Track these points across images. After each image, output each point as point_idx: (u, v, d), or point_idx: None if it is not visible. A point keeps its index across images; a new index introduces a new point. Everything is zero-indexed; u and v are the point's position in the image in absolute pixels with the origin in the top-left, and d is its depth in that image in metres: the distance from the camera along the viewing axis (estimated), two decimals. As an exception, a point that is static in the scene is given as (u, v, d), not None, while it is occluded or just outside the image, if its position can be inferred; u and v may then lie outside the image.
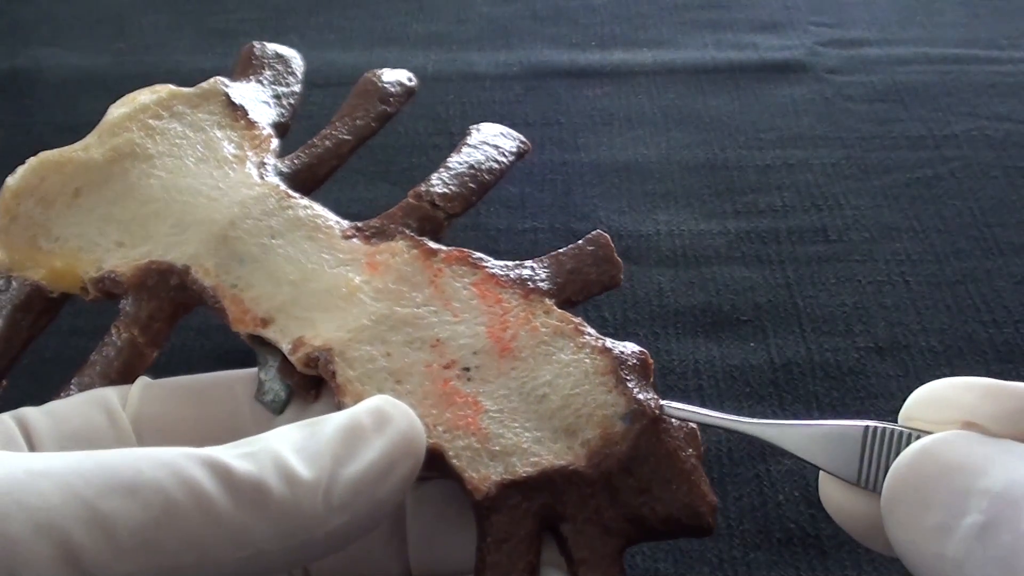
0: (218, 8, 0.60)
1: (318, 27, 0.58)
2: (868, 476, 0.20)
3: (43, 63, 0.55)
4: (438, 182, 0.27)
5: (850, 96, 0.52)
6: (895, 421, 0.21)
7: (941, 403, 0.20)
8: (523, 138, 0.30)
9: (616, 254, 0.26)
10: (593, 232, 0.27)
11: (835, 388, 0.37)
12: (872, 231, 0.43)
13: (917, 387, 0.36)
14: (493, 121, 0.30)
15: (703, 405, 0.36)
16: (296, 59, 0.31)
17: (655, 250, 0.43)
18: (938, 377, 0.36)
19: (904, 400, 0.36)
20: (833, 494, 0.21)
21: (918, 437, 0.20)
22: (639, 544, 0.32)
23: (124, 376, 0.25)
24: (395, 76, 0.31)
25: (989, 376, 0.36)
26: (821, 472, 0.21)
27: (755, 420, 0.22)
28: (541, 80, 0.53)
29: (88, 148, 0.28)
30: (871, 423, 0.21)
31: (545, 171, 0.47)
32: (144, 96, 0.29)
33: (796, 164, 0.47)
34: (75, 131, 0.28)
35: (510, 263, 0.26)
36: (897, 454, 0.20)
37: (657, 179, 0.47)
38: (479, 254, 0.26)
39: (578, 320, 0.25)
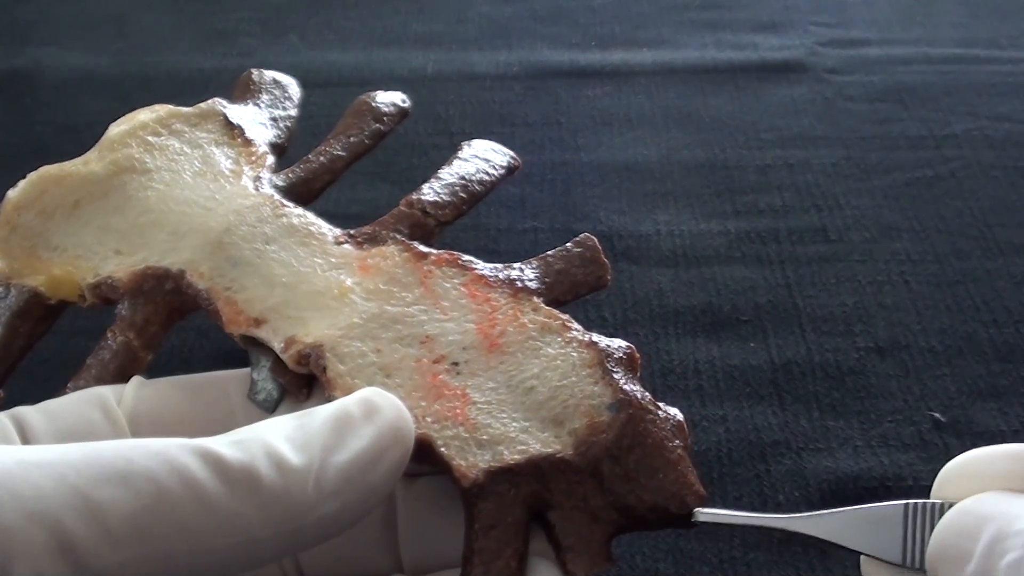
0: (218, 8, 0.61)
1: (318, 27, 0.58)
2: (912, 554, 0.21)
3: (43, 63, 0.55)
4: (429, 191, 0.28)
5: (850, 96, 0.51)
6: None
7: (972, 476, 0.21)
8: (514, 154, 0.30)
9: (603, 256, 0.27)
10: (581, 235, 0.27)
11: (835, 388, 0.37)
12: (872, 231, 0.43)
13: (917, 387, 0.36)
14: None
15: (703, 405, 0.37)
16: (293, 85, 0.32)
17: (655, 250, 0.43)
18: (938, 377, 0.37)
19: (903, 400, 0.36)
20: None
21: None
22: (638, 544, 0.32)
23: (119, 379, 0.25)
24: (389, 98, 0.32)
25: (989, 376, 0.36)
26: (863, 558, 0.21)
27: (787, 516, 0.22)
28: (541, 80, 0.53)
29: (88, 162, 0.28)
30: (910, 501, 0.21)
31: (545, 171, 0.47)
32: (143, 115, 0.30)
33: (796, 164, 0.47)
34: (75, 131, 0.28)
35: (499, 265, 0.26)
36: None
37: (657, 179, 0.47)
38: (468, 256, 0.26)
39: (565, 316, 0.25)
